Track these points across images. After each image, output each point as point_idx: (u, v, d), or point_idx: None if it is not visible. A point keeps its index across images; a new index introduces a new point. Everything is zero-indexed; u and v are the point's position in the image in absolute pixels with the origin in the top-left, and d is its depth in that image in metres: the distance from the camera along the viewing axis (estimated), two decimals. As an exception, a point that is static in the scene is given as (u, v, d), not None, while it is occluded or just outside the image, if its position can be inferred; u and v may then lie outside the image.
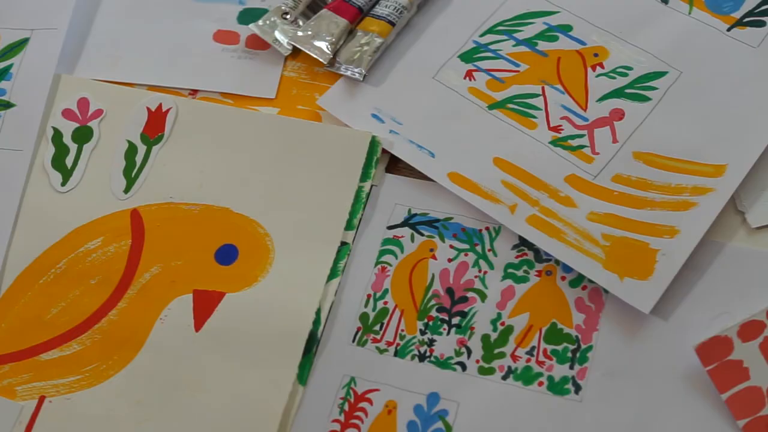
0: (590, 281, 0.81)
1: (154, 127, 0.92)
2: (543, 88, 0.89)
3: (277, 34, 0.94)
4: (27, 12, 0.98)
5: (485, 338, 0.80)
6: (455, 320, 0.81)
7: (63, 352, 0.84)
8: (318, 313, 0.82)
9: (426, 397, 0.79)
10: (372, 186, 0.87)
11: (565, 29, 0.92)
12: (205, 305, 0.83)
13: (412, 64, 0.92)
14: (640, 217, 0.82)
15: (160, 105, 0.93)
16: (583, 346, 0.79)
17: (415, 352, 0.81)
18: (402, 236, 0.85)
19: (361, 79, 0.91)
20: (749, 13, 0.90)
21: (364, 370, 0.81)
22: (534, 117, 0.88)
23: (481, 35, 0.92)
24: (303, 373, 0.81)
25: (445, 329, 0.81)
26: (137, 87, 0.95)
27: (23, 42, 0.97)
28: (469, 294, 0.82)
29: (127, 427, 0.80)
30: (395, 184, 0.87)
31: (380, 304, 0.83)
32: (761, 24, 0.89)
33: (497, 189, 0.84)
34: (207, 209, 0.88)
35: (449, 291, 0.82)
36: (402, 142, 0.88)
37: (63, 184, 0.90)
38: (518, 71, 0.90)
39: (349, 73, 0.91)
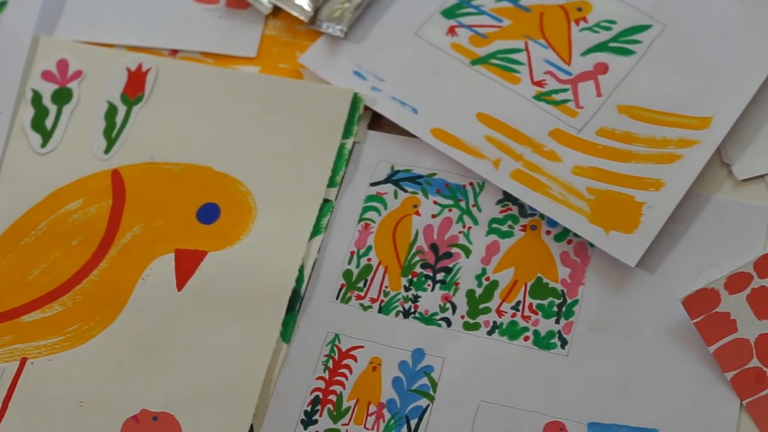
0: (575, 235, 0.79)
1: (134, 87, 0.89)
2: (526, 43, 0.87)
3: (258, -7, 0.92)
4: (4, -26, 0.96)
5: (470, 294, 0.78)
6: (440, 276, 0.79)
7: (44, 314, 0.82)
8: (301, 270, 0.80)
9: (411, 353, 0.77)
10: (354, 143, 0.85)
11: (549, -16, 0.89)
12: (186, 264, 0.81)
13: (394, 20, 0.89)
14: (625, 170, 0.80)
15: (140, 65, 0.90)
16: (569, 301, 0.77)
17: (400, 308, 0.79)
18: (385, 193, 0.83)
19: (343, 36, 0.89)
20: (733, -34, 0.88)
21: (348, 327, 0.79)
22: (517, 72, 0.85)
23: (464, -9, 0.90)
24: (286, 331, 0.79)
25: (429, 285, 0.79)
26: (117, 48, 0.93)
27: (2, 5, 0.94)
28: (454, 250, 0.80)
29: (110, 387, 0.78)
30: (378, 140, 0.85)
31: (364, 261, 0.81)
32: (746, -24, 0.87)
33: (481, 144, 0.82)
34: (188, 168, 0.85)
35: (433, 247, 0.80)
36: (384, 99, 0.86)
37: (43, 145, 0.88)
38: (501, 26, 0.88)
39: (330, 30, 0.89)
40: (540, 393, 0.75)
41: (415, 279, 0.80)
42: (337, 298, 0.80)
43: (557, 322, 0.77)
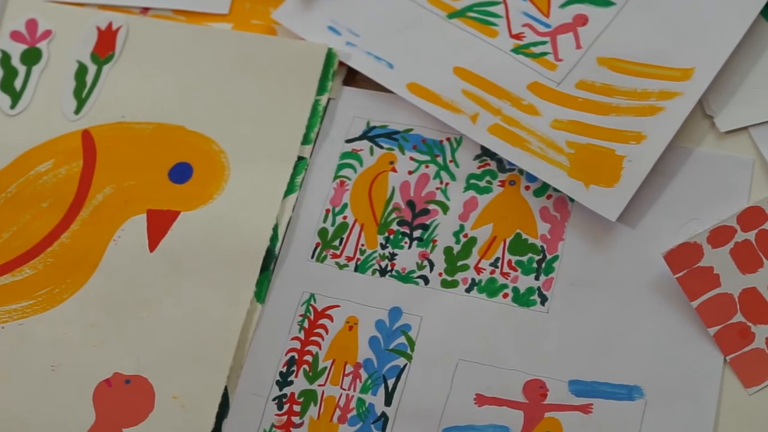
0: (555, 190, 0.77)
1: (105, 46, 0.86)
2: (504, -5, 0.84)
3: (229, -51, 0.89)
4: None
5: (448, 251, 0.76)
6: (417, 233, 0.77)
7: (15, 277, 0.79)
8: (275, 229, 0.78)
9: (388, 312, 0.75)
10: (329, 99, 0.83)
11: (526, -65, 0.86)
12: (159, 225, 0.79)
13: (369, -27, 0.86)
14: (606, 123, 0.77)
15: (110, 24, 0.87)
16: (549, 257, 0.75)
17: (376, 266, 0.76)
18: (361, 149, 0.80)
19: (317, -9, 0.86)
20: None
21: (324, 286, 0.76)
22: (495, 25, 0.82)
23: (440, -57, 0.87)
24: (261, 291, 0.76)
25: (406, 243, 0.77)
26: (87, 6, 0.89)
27: (-31, -35, 0.91)
28: (431, 206, 0.77)
29: (82, 350, 0.76)
30: (353, 96, 0.83)
31: (339, 219, 0.78)
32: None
33: (458, 99, 0.79)
34: (160, 128, 0.83)
35: (410, 204, 0.78)
36: (359, 54, 0.83)
37: (12, 107, 0.85)
38: (478, -21, 0.85)
39: (304, -15, 0.86)
40: (520, 351, 0.73)
41: (391, 236, 0.77)
42: (312, 257, 0.77)
43: (537, 278, 0.74)
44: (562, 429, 0.71)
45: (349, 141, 0.81)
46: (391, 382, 0.73)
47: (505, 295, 0.74)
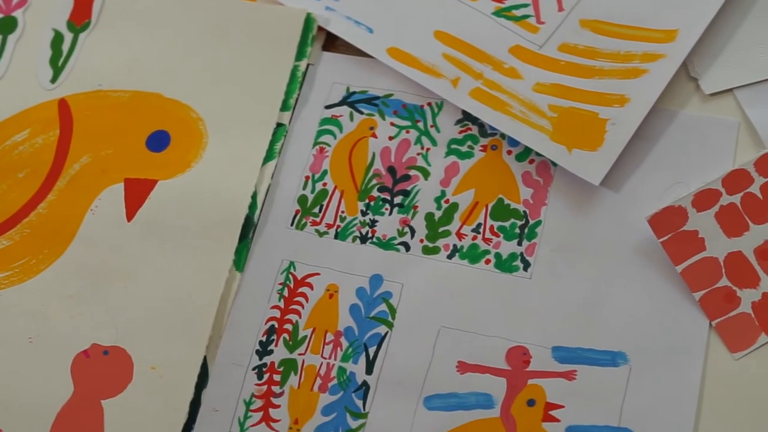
0: (537, 154, 0.75)
1: (81, 14, 0.85)
2: (485, -42, 0.82)
3: None
4: None
5: (429, 217, 0.74)
6: (397, 200, 0.75)
7: (-8, 249, 0.78)
8: (254, 197, 0.76)
9: (368, 279, 0.73)
10: (308, 65, 0.81)
11: None
12: (136, 194, 0.77)
13: (348, -63, 0.84)
14: (589, 86, 0.76)
15: (87, -10, 0.85)
16: (532, 222, 0.73)
17: (357, 233, 0.74)
18: (341, 115, 0.79)
19: (296, -45, 0.84)
20: None
21: (304, 254, 0.75)
22: (476, -12, 0.81)
23: None
24: (240, 260, 0.75)
25: (387, 209, 0.75)
26: (63, -26, 0.87)
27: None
28: (412, 172, 0.76)
29: (60, 322, 0.75)
30: (332, 62, 0.81)
31: (319, 186, 0.76)
32: None
33: (438, 63, 0.78)
34: (137, 95, 0.81)
35: (391, 170, 0.76)
36: (338, 19, 0.81)
37: (-13, 76, 0.83)
38: (459, -59, 0.83)
39: (282, -51, 0.84)
40: (502, 317, 0.71)
41: (372, 203, 0.75)
42: (291, 224, 0.76)
43: (519, 244, 0.73)
44: (545, 396, 0.69)
45: (328, 107, 0.79)
46: (372, 351, 0.71)
47: (488, 261, 0.73)
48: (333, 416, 0.70)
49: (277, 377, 0.72)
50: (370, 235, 0.75)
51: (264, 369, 0.72)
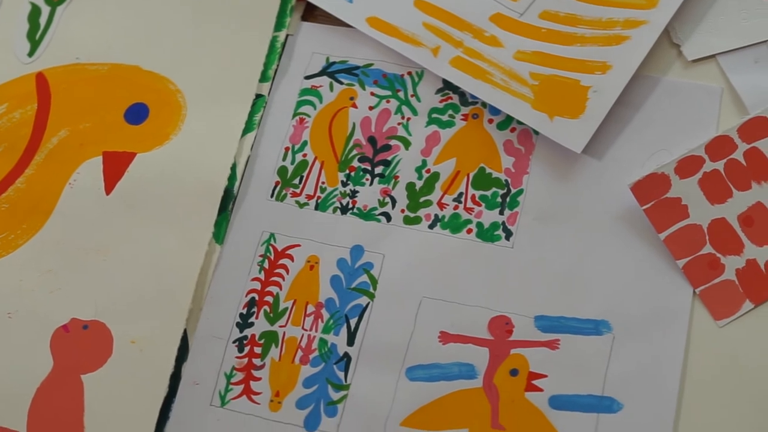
0: (519, 123, 0.74)
1: (58, -14, 0.83)
2: (465, -76, 0.80)
3: None
4: None
5: (410, 187, 0.73)
6: (378, 170, 0.74)
7: (-31, 225, 0.76)
8: (233, 168, 0.75)
9: (349, 250, 0.72)
10: (287, 35, 0.80)
11: None
12: (115, 167, 0.76)
13: None
14: (570, 53, 0.75)
15: (64, -36, 0.84)
16: (514, 191, 0.72)
17: (337, 204, 0.73)
18: (320, 86, 0.77)
19: (274, -76, 0.82)
20: None
21: (284, 225, 0.74)
22: (456, -45, 0.79)
23: None
24: (219, 232, 0.73)
25: (367, 179, 0.74)
26: (40, -53, 0.86)
27: None
28: (392, 142, 0.74)
29: (38, 297, 0.73)
30: (312, 32, 0.80)
31: (299, 157, 0.75)
32: None
33: (419, 32, 0.76)
34: (115, 68, 0.80)
35: (371, 140, 0.75)
36: (318, -12, 0.80)
37: (-35, 51, 0.82)
38: None
39: None
40: (484, 287, 0.70)
41: (352, 173, 0.74)
42: (271, 196, 0.74)
43: (501, 213, 0.72)
44: (528, 365, 0.68)
45: (308, 77, 0.78)
46: (353, 322, 0.70)
47: (469, 231, 0.71)
48: (314, 388, 0.69)
49: (257, 350, 0.70)
50: (350, 205, 0.73)
51: (244, 342, 0.71)
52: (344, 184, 0.74)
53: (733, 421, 0.65)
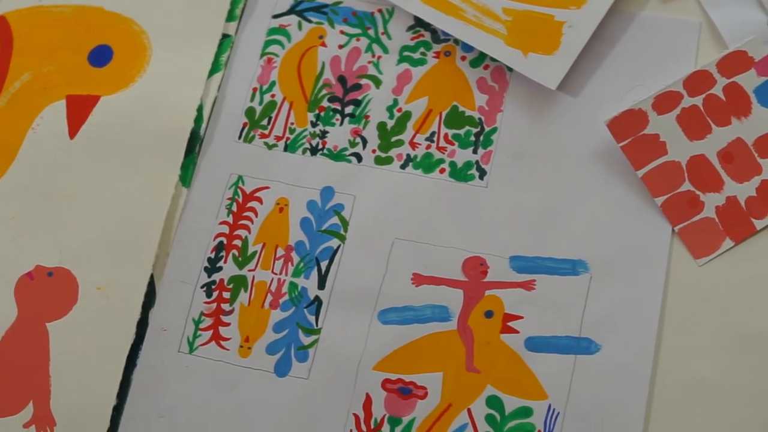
0: (492, 59, 0.71)
1: (19, -72, 0.80)
2: None
3: None
4: None
5: (381, 126, 0.70)
6: (348, 109, 0.71)
7: (-69, 172, 0.74)
8: (200, 110, 0.72)
9: (320, 192, 0.69)
10: (255, -26, 0.76)
11: None
12: (79, 110, 0.73)
13: None
14: (544, -12, 0.72)
15: None
16: (487, 129, 0.70)
17: (307, 145, 0.70)
18: (288, 25, 0.75)
19: None
20: None
21: (252, 167, 0.71)
22: None
23: None
24: (186, 175, 0.71)
25: (338, 120, 0.71)
26: None
27: None
28: (363, 81, 0.72)
29: (2, 244, 0.71)
30: (279, -30, 0.77)
31: (267, 98, 0.72)
32: None
33: (389, -33, 0.73)
34: (79, 10, 0.77)
35: (341, 79, 0.72)
36: (285, -76, 0.77)
37: (-77, -5, 0.79)
38: None
39: None
40: (458, 227, 0.68)
41: (322, 114, 0.71)
42: (239, 137, 0.72)
43: (475, 152, 0.69)
44: (503, 307, 0.66)
45: (276, 16, 0.75)
46: (324, 265, 0.67)
47: (442, 171, 0.69)
48: (285, 333, 0.67)
49: (226, 294, 0.68)
50: (320, 146, 0.71)
51: (213, 286, 0.68)
52: (314, 125, 0.71)
53: (713, 361, 0.63)
